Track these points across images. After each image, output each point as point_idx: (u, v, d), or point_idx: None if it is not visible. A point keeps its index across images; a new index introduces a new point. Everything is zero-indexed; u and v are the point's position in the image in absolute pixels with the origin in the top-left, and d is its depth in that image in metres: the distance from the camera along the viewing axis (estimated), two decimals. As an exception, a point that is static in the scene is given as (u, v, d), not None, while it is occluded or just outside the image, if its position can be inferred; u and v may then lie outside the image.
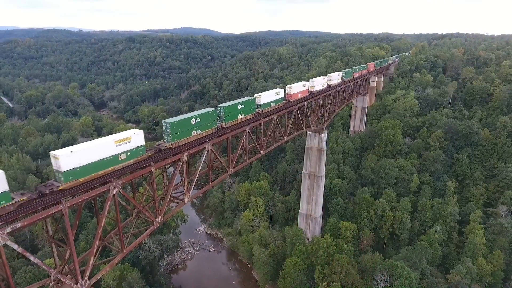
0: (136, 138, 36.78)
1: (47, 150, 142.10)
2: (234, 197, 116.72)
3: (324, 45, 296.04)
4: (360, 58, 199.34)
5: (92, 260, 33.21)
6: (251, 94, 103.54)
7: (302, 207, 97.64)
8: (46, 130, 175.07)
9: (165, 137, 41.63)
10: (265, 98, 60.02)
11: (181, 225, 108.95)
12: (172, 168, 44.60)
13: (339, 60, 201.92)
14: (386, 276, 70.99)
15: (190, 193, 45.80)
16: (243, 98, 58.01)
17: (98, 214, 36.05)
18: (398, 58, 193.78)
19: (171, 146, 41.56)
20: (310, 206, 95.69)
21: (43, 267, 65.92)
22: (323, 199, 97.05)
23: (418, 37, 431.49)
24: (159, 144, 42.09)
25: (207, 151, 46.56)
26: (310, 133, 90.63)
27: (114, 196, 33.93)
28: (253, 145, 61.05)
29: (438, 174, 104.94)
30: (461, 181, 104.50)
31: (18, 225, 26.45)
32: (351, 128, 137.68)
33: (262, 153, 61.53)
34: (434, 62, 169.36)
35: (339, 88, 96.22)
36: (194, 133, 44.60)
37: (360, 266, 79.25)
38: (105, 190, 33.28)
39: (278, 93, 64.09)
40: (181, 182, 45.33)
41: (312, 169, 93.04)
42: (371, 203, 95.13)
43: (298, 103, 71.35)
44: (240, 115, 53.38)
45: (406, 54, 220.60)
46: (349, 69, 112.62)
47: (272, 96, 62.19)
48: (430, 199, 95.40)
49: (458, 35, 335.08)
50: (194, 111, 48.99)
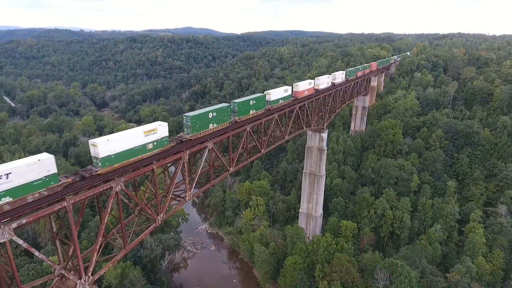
0: (161, 129, 39.90)
1: (49, 149, 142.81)
2: (235, 196, 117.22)
3: (325, 45, 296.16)
4: (361, 58, 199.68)
5: (95, 256, 33.75)
6: (252, 94, 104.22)
7: (303, 206, 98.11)
8: (48, 130, 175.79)
9: (185, 129, 44.95)
10: (274, 95, 63.13)
11: (182, 224, 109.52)
12: (173, 167, 45.24)
13: (340, 60, 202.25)
14: (386, 274, 71.36)
15: (192, 191, 46.31)
16: (255, 94, 61.45)
17: (101, 211, 36.59)
18: (400, 58, 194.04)
19: (191, 138, 44.66)
20: (311, 205, 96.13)
21: (46, 265, 66.42)
22: (324, 199, 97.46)
23: (420, 37, 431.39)
24: (180, 136, 45.10)
25: (208, 150, 47.12)
26: (311, 132, 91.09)
27: (117, 193, 34.45)
28: (254, 144, 61.60)
29: (438, 173, 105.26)
30: (461, 180, 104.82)
31: (24, 221, 27.03)
32: (352, 127, 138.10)
33: (263, 152, 62.04)
34: (435, 62, 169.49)
35: (342, 87, 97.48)
36: (211, 126, 47.78)
37: (360, 265, 79.63)
38: (108, 187, 33.82)
39: (286, 90, 67.17)
40: (182, 180, 45.92)
41: (312, 168, 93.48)
42: (372, 203, 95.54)
43: (298, 102, 72.08)
44: (251, 111, 56.68)
45: (407, 54, 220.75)
46: (352, 68, 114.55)
47: (281, 93, 65.29)
48: (430, 199, 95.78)
49: (460, 35, 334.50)
50: (211, 106, 52.09)
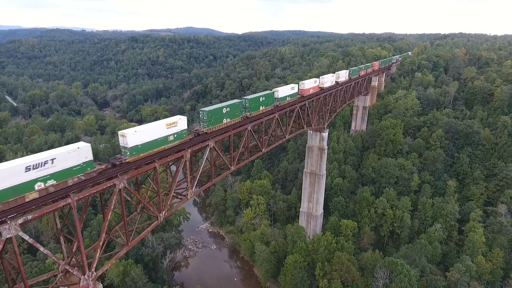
0: (181, 122, 42.58)
1: (51, 148, 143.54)
2: (236, 195, 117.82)
3: (326, 45, 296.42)
4: (361, 58, 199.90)
5: (98, 252, 34.32)
6: (253, 93, 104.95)
7: (303, 206, 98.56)
8: (50, 129, 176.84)
9: (201, 123, 47.73)
10: (282, 92, 66.10)
11: (183, 223, 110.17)
12: (174, 166, 45.81)
13: (341, 60, 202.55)
14: (386, 273, 71.73)
15: (193, 189, 46.85)
16: (264, 92, 64.83)
17: (104, 208, 37.14)
18: (401, 58, 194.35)
19: (207, 131, 47.02)
20: (311, 204, 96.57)
21: (48, 262, 66.91)
22: (324, 198, 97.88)
23: (421, 37, 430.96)
24: (197, 129, 47.54)
25: (210, 149, 47.65)
26: (311, 132, 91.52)
27: (120, 190, 35.01)
28: (254, 143, 62.13)
29: (438, 173, 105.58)
30: (461, 180, 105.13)
31: (29, 217, 27.56)
32: (353, 127, 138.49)
33: (264, 151, 62.57)
34: (435, 62, 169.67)
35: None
36: (224, 120, 50.60)
37: (360, 263, 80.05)
38: (111, 185, 34.36)
39: (293, 88, 70.24)
40: (184, 179, 46.46)
41: (313, 167, 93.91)
42: (372, 202, 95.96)
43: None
44: (261, 107, 59.54)
45: (409, 54, 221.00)
46: (355, 67, 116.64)
47: (288, 90, 68.26)
48: (431, 198, 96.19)
49: (461, 35, 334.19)
50: (224, 102, 54.80)
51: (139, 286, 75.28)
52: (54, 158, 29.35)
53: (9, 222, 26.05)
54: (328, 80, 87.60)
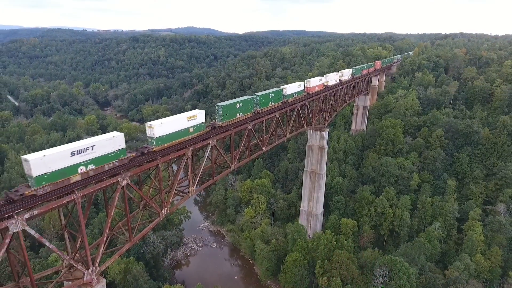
0: (200, 116, 45.64)
1: (52, 147, 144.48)
2: (236, 194, 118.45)
3: (326, 45, 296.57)
4: (362, 58, 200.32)
5: (102, 247, 35.02)
6: (254, 93, 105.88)
7: (304, 204, 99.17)
8: (52, 128, 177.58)
9: (217, 117, 51.02)
10: (289, 89, 69.59)
11: (184, 221, 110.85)
12: (175, 166, 46.56)
13: (341, 60, 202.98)
14: (385, 271, 72.35)
15: (195, 187, 47.53)
16: (273, 89, 69.00)
17: (107, 205, 37.85)
18: (402, 58, 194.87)
19: (222, 125, 50.41)
20: (311, 203, 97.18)
21: (51, 260, 67.66)
22: (324, 197, 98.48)
23: (422, 37, 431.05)
24: (213, 123, 50.67)
25: (211, 147, 48.33)
26: (312, 131, 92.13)
27: (123, 187, 35.71)
28: (255, 142, 62.84)
29: (438, 172, 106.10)
30: (461, 179, 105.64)
31: (35, 212, 28.30)
32: (353, 127, 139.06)
33: (264, 149, 63.25)
34: (436, 62, 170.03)
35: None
36: (238, 115, 54.01)
37: (360, 261, 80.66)
38: (114, 181, 35.07)
39: (299, 85, 73.50)
40: (185, 177, 47.19)
41: (313, 166, 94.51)
42: (372, 201, 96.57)
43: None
44: (271, 103, 62.88)
45: (410, 53, 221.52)
46: (358, 66, 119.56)
47: (295, 88, 71.63)
48: (430, 197, 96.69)
49: (462, 35, 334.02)
50: (238, 98, 58.21)
51: (141, 283, 76.07)
52: (94, 145, 32.81)
53: (16, 217, 26.77)
54: (332, 78, 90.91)
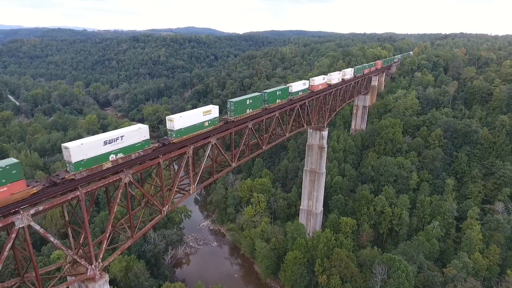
0: (214, 111, 48.51)
1: (54, 147, 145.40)
2: (236, 193, 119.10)
3: (327, 45, 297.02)
4: (362, 58, 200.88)
5: (105, 243, 35.70)
6: (253, 92, 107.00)
7: (303, 203, 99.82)
8: (53, 128, 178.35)
9: (229, 113, 53.90)
10: (295, 87, 72.38)
11: (184, 220, 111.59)
12: (177, 164, 47.21)
13: (341, 59, 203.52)
14: (384, 269, 73.10)
15: (195, 184, 48.20)
16: (280, 86, 72.93)
17: (110, 202, 38.52)
18: (401, 58, 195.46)
19: (234, 120, 53.20)
20: (311, 202, 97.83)
21: (53, 257, 68.23)
22: (324, 196, 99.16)
23: (422, 37, 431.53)
24: (225, 117, 53.38)
25: (212, 145, 49.00)
26: (312, 131, 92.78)
27: (125, 185, 36.38)
28: (255, 141, 63.50)
29: (437, 171, 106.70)
30: (459, 178, 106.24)
31: (40, 207, 28.98)
32: (352, 126, 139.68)
33: (264, 148, 63.92)
34: (435, 62, 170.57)
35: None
36: (248, 111, 56.55)
37: (359, 260, 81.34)
38: (117, 179, 35.74)
39: (304, 83, 76.32)
40: (186, 175, 47.86)
41: (313, 166, 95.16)
42: (371, 200, 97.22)
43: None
44: (278, 100, 65.82)
45: (409, 53, 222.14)
46: (360, 66, 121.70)
47: (300, 86, 74.41)
48: (429, 196, 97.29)
49: (462, 35, 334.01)
50: (247, 95, 60.62)
51: (142, 281, 76.75)
52: (123, 136, 35.54)
53: (21, 212, 27.45)
54: (335, 77, 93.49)
